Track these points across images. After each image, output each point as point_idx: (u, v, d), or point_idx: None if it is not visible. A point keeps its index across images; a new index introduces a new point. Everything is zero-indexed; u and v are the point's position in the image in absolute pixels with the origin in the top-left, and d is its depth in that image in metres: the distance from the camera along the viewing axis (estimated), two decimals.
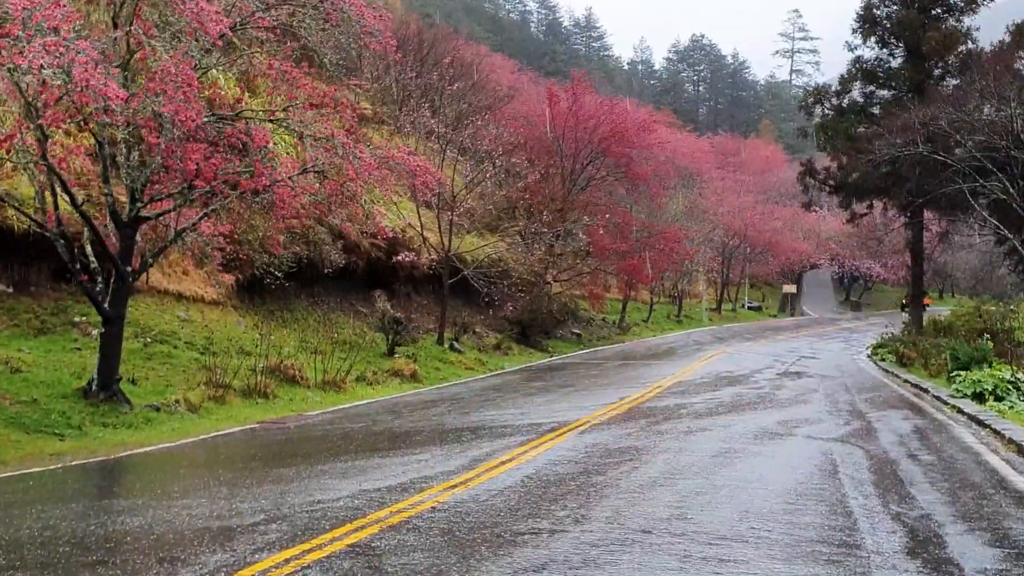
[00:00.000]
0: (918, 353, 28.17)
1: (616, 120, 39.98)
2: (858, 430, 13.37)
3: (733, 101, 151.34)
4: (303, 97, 15.20)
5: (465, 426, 13.84)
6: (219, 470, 10.70)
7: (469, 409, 16.53)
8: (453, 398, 18.95)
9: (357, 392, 20.45)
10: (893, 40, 39.51)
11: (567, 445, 11.72)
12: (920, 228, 39.28)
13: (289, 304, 25.77)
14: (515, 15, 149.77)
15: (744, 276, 76.32)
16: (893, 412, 15.91)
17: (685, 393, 19.06)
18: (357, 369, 22.62)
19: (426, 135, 29.18)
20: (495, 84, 48.13)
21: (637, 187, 45.24)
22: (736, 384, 21.39)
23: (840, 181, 40.06)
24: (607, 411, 15.50)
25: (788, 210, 74.20)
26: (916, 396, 18.93)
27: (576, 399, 17.96)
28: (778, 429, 13.40)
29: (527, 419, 14.64)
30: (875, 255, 73.09)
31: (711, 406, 16.50)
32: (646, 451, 11.29)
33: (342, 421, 15.11)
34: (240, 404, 17.67)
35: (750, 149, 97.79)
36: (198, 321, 22.24)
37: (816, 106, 40.88)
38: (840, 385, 21.41)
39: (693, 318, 61.02)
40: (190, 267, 23.41)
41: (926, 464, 10.65)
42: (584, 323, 43.95)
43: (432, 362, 26.36)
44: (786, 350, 35.86)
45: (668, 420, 14.36)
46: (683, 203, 57.82)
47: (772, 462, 10.66)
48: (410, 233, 28.93)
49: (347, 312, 27.65)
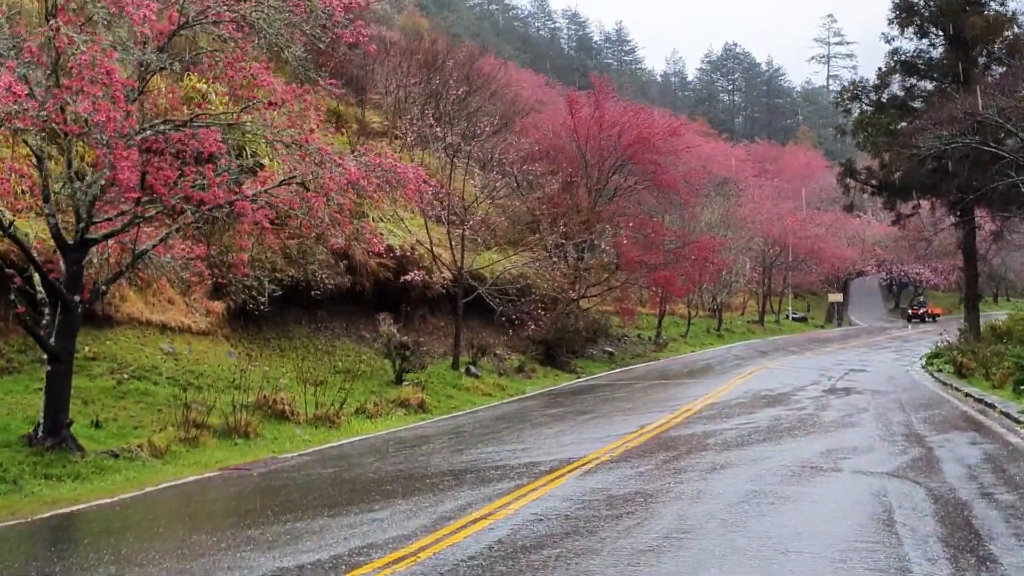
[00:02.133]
0: (978, 362, 25.73)
1: (641, 126, 37.95)
2: (917, 460, 11.18)
3: (769, 109, 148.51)
4: (263, 95, 13.37)
5: (451, 468, 11.86)
6: (129, 537, 8.82)
7: (465, 445, 14.55)
8: (454, 431, 16.97)
9: (353, 427, 18.55)
10: (932, 29, 37.06)
11: (562, 492, 9.69)
12: (972, 227, 36.67)
13: (287, 331, 24.00)
14: (545, 32, 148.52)
15: (787, 286, 73.58)
16: (957, 435, 13.64)
17: (716, 418, 16.90)
18: (356, 400, 20.77)
19: (434, 146, 27.31)
20: (515, 94, 46.30)
21: (667, 196, 43.13)
22: (776, 405, 19.17)
23: (883, 180, 37.63)
24: (622, 443, 13.44)
25: (830, 215, 71.51)
26: (981, 413, 16.59)
27: (591, 429, 15.89)
28: (820, 462, 11.24)
29: (526, 456, 12.62)
30: (924, 259, 70.02)
31: (744, 433, 14.35)
32: (656, 498, 9.23)
33: (314, 466, 13.20)
34: (215, 446, 15.84)
35: (788, 156, 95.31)
36: (184, 354, 20.52)
37: (854, 102, 38.52)
38: (893, 402, 19.10)
39: (734, 331, 58.51)
40: (176, 295, 21.76)
41: (1006, 507, 8.47)
42: (616, 340, 41.78)
43: (445, 389, 24.42)
44: (833, 363, 33.42)
45: (690, 454, 12.26)
46: (718, 212, 55.43)
47: (811, 510, 8.55)
48: (420, 250, 27.07)
49: (353, 338, 25.84)
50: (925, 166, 33.38)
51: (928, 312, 70.03)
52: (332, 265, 24.75)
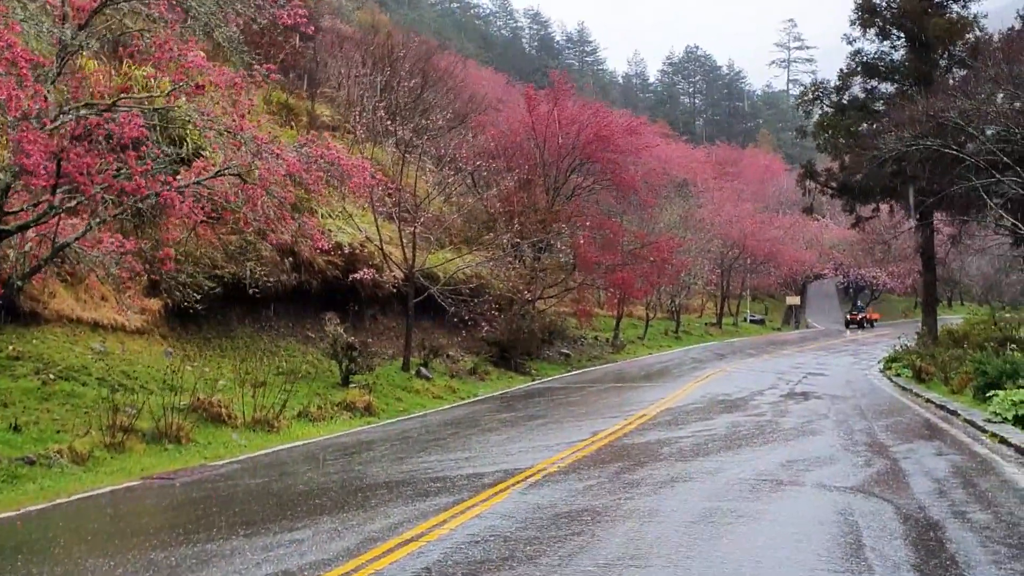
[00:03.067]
0: (937, 367, 25.39)
1: (600, 124, 37.26)
2: (883, 473, 10.54)
3: (730, 112, 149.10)
4: (192, 78, 12.42)
5: (388, 480, 11.02)
6: (18, 560, 7.86)
7: (408, 453, 13.70)
8: (399, 437, 16.11)
9: (294, 432, 17.60)
10: (894, 31, 36.85)
11: (504, 509, 8.90)
12: (931, 231, 36.50)
13: (229, 331, 22.97)
14: (506, 31, 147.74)
15: (745, 288, 73.50)
16: (922, 444, 13.06)
17: (672, 424, 16.21)
18: (299, 403, 19.82)
19: (386, 140, 26.37)
20: (473, 91, 45.44)
21: (626, 196, 42.53)
22: (733, 410, 18.55)
23: (843, 182, 37.31)
24: (572, 452, 12.68)
25: (789, 218, 71.54)
26: (944, 420, 16.07)
27: (541, 436, 15.12)
28: (781, 474, 10.57)
29: (470, 466, 11.81)
30: (881, 263, 70.24)
31: (701, 441, 13.67)
32: (604, 517, 8.47)
33: (243, 475, 12.28)
34: (143, 452, 14.84)
35: (748, 158, 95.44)
36: (116, 353, 19.43)
37: (815, 104, 38.21)
38: (853, 408, 18.57)
39: (692, 333, 58.15)
40: (110, 292, 20.65)
41: (981, 528, 7.82)
42: (573, 342, 41.10)
43: (394, 391, 23.52)
44: (791, 366, 33.01)
45: (644, 465, 11.53)
46: (677, 213, 54.97)
47: (772, 532, 7.83)
48: (370, 248, 26.12)
49: (298, 338, 24.85)
50: (885, 168, 33.05)
51: (867, 318, 69.02)
52: (276, 262, 23.77)
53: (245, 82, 13.25)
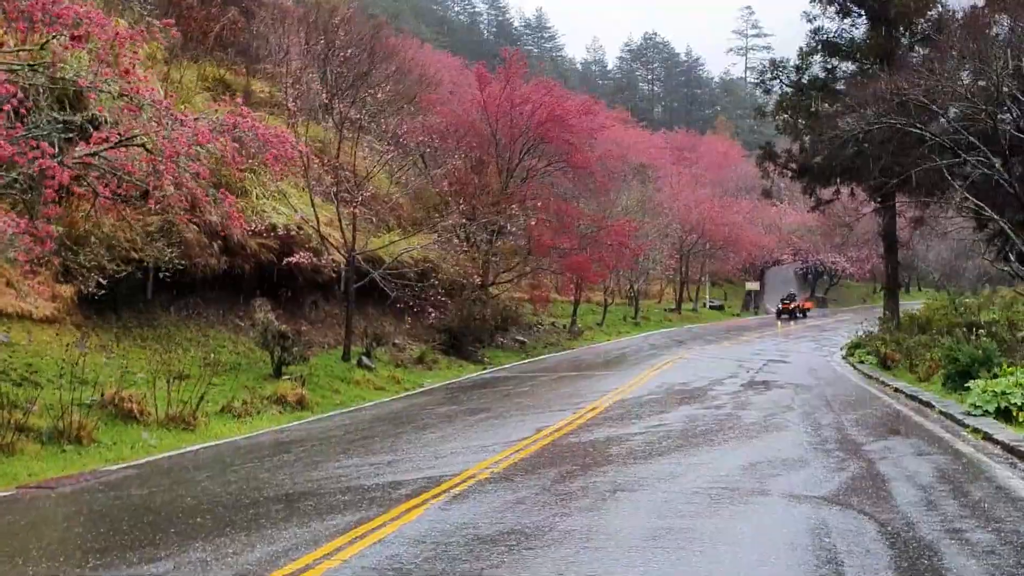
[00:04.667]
0: (902, 353, 24.37)
1: (554, 104, 35.79)
2: (859, 478, 9.22)
3: (688, 99, 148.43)
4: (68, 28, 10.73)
5: (290, 491, 9.50)
6: None
7: (326, 456, 12.19)
8: (323, 436, 14.58)
9: (212, 429, 16.02)
10: (855, 8, 35.71)
11: (414, 530, 7.43)
12: (893, 214, 35.51)
13: (153, 319, 21.23)
14: (464, 16, 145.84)
15: (704, 274, 72.65)
16: (898, 442, 11.79)
17: (624, 419, 14.84)
18: (223, 397, 18.23)
19: (323, 115, 24.66)
20: (423, 70, 43.69)
21: (582, 179, 41.13)
22: (691, 401, 17.24)
23: (803, 164, 36.20)
24: (510, 453, 11.25)
25: (747, 203, 70.74)
26: (918, 413, 14.85)
27: (479, 433, 13.67)
28: (744, 481, 9.21)
29: (391, 473, 10.33)
30: (841, 248, 69.66)
31: (653, 439, 12.30)
32: (533, 541, 7.03)
33: (130, 484, 10.69)
34: (35, 454, 13.20)
35: (706, 144, 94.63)
36: (22, 344, 17.65)
37: (774, 82, 36.99)
38: (819, 398, 17.34)
39: (651, 319, 57.08)
40: (16, 277, 18.85)
41: (984, 552, 6.49)
42: (529, 329, 39.74)
43: (332, 383, 21.96)
44: (751, 353, 31.91)
45: (588, 469, 10.13)
46: (636, 198, 53.68)
47: (733, 560, 6.44)
48: (308, 230, 24.45)
49: (229, 327, 23.17)
50: (847, 149, 31.97)
51: (799, 307, 63.57)
52: (203, 245, 22.05)
53: (135, 34, 11.55)
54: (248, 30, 33.73)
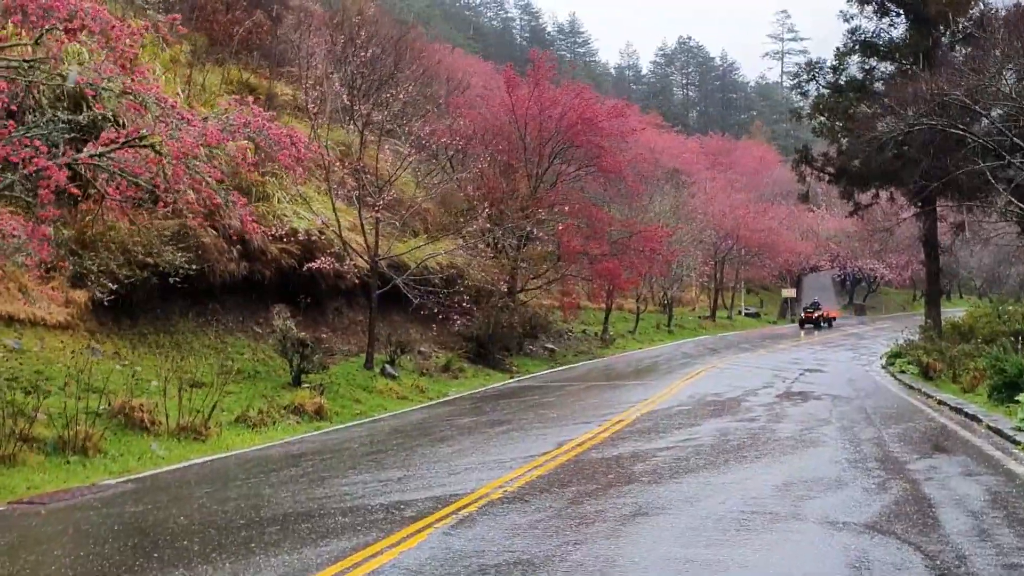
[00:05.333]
0: (945, 363, 23.39)
1: (584, 106, 35.10)
2: (902, 502, 8.46)
3: (723, 103, 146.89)
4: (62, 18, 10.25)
5: (291, 511, 8.91)
6: None
7: (335, 471, 11.60)
8: (336, 448, 14.01)
9: (225, 440, 15.51)
10: (893, 7, 34.73)
11: (412, 559, 6.80)
12: (934, 219, 34.43)
13: (170, 325, 20.81)
14: (497, 22, 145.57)
15: (739, 280, 71.48)
16: (944, 460, 10.98)
17: (651, 432, 14.13)
18: (239, 407, 17.76)
19: (344, 117, 24.17)
20: (451, 73, 43.18)
21: (613, 183, 40.37)
22: (723, 414, 16.48)
23: (840, 167, 35.26)
24: (527, 470, 10.60)
25: (784, 208, 69.51)
26: (964, 427, 13.99)
27: (498, 447, 13.02)
28: (776, 503, 8.48)
29: (398, 491, 9.71)
30: (879, 254, 68.20)
31: (681, 456, 11.59)
32: (542, 573, 6.37)
33: (125, 500, 10.17)
34: (38, 465, 12.78)
35: (741, 150, 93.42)
36: (34, 351, 17.28)
37: (810, 83, 36.11)
38: (858, 410, 16.51)
39: (685, 327, 56.15)
40: (29, 282, 18.51)
41: None
42: (559, 337, 39.07)
43: (354, 392, 21.42)
44: (787, 362, 31.00)
45: (609, 489, 9.44)
46: (669, 203, 52.74)
47: None
48: (330, 235, 23.95)
49: (249, 334, 22.72)
50: (885, 152, 31.05)
51: (824, 316, 59.91)
52: (223, 250, 21.63)
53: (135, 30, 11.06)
54: (274, 33, 33.46)
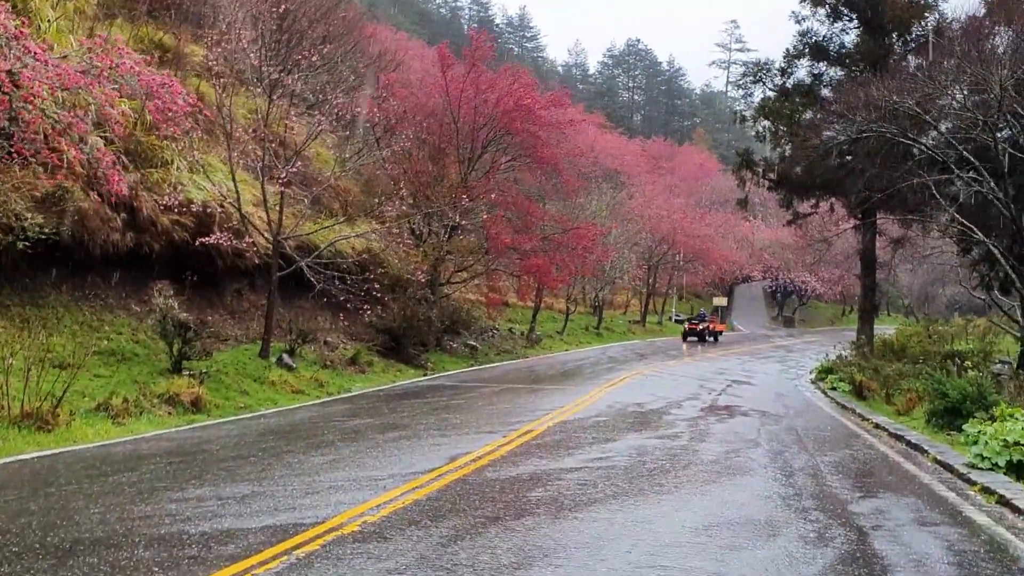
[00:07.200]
0: (879, 383, 22.24)
1: (522, 92, 33.37)
2: (848, 561, 6.83)
3: (668, 109, 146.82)
4: None
5: (88, 536, 6.95)
6: None
7: (173, 480, 9.62)
8: (191, 451, 11.99)
9: (74, 431, 13.41)
10: (846, 11, 33.71)
11: None
12: (874, 232, 33.49)
13: (40, 298, 18.54)
14: (444, 10, 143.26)
15: (672, 286, 70.58)
16: (892, 501, 9.41)
17: (561, 447, 12.43)
18: (102, 393, 15.66)
19: (251, 77, 22.01)
20: (383, 48, 41.08)
21: (549, 177, 38.76)
22: (643, 428, 14.87)
23: (782, 174, 34.13)
24: (401, 493, 8.79)
25: (721, 216, 68.80)
26: (907, 458, 12.53)
27: (380, 459, 11.16)
28: (694, 557, 6.80)
29: (232, 516, 7.80)
30: (812, 268, 67.85)
31: (589, 479, 9.89)
32: None
33: None
34: None
35: (683, 155, 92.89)
36: None
37: (756, 85, 34.91)
38: (789, 432, 15.04)
39: (614, 330, 54.92)
40: None
41: None
42: (482, 334, 37.29)
43: (243, 383, 19.38)
44: (714, 372, 29.70)
45: (493, 525, 7.67)
46: (606, 203, 51.32)
47: None
48: (230, 208, 21.81)
49: (130, 312, 20.50)
50: (829, 160, 30.03)
51: (709, 329, 54.98)
52: (106, 217, 19.38)
53: None
54: None
